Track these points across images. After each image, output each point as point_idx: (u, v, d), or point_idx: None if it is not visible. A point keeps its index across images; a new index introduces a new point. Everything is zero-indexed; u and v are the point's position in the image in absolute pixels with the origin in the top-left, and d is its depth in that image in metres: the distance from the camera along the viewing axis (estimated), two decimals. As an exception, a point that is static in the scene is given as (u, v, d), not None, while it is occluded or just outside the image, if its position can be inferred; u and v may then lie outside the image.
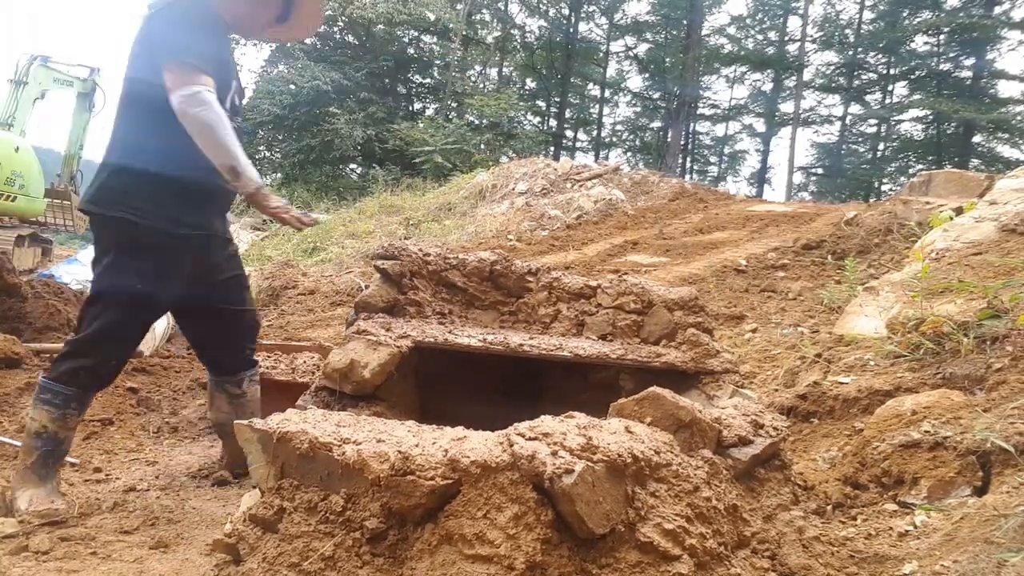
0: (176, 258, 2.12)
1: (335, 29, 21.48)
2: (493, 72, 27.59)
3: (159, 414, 3.50)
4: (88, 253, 9.81)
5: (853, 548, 1.63)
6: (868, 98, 28.85)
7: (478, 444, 1.31)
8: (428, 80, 24.36)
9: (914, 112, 26.41)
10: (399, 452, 1.29)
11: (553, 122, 29.51)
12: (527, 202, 10.51)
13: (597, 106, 32.28)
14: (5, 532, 1.88)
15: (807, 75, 28.33)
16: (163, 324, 4.80)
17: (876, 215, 6.16)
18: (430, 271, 2.36)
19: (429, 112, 22.88)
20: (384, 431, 1.41)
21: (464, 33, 22.13)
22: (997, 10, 22.69)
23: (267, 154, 22.46)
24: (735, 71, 30.66)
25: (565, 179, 11.30)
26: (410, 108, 23.45)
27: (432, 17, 20.43)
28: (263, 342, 3.97)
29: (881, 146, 28.42)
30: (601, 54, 30.97)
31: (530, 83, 30.04)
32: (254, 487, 1.45)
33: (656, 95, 31.47)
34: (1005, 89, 27.70)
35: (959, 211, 4.19)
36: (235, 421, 1.48)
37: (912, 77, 27.10)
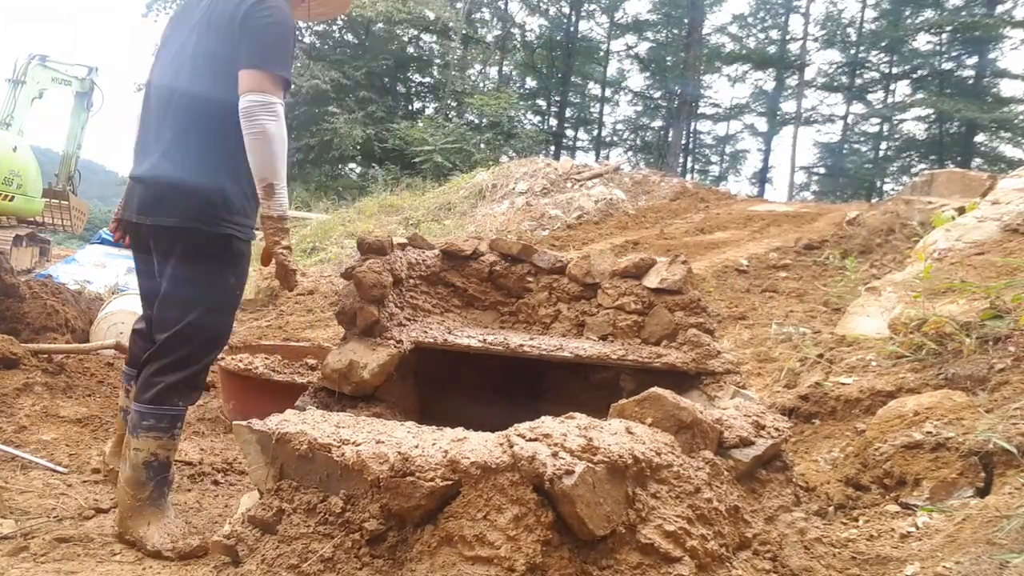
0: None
1: (334, 28, 21.45)
2: (493, 71, 27.58)
3: (158, 414, 3.48)
4: (86, 253, 9.71)
5: (855, 549, 1.62)
6: (870, 97, 28.80)
7: (478, 445, 1.30)
8: (428, 79, 24.34)
9: (916, 111, 26.36)
10: (399, 453, 1.29)
11: (553, 121, 29.48)
12: (527, 202, 10.50)
13: (598, 105, 32.23)
14: (3, 533, 1.87)
15: (809, 74, 28.30)
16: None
17: (878, 215, 6.17)
18: (420, 275, 2.35)
19: (429, 111, 22.85)
20: (384, 432, 1.41)
21: (464, 32, 22.11)
22: (999, 9, 22.67)
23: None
24: (736, 70, 30.56)
25: (565, 179, 11.29)
26: (409, 107, 23.43)
27: (432, 16, 20.40)
28: (262, 343, 3.97)
29: (883, 145, 28.36)
30: (602, 53, 30.92)
31: (530, 82, 30.01)
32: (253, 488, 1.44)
33: (657, 94, 31.43)
34: (1008, 88, 27.78)
35: (961, 211, 4.20)
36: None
37: (914, 76, 27.05)
